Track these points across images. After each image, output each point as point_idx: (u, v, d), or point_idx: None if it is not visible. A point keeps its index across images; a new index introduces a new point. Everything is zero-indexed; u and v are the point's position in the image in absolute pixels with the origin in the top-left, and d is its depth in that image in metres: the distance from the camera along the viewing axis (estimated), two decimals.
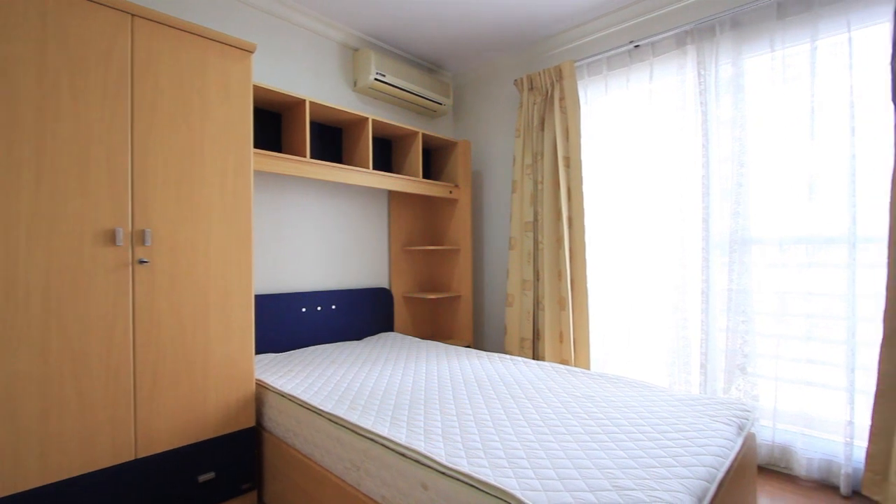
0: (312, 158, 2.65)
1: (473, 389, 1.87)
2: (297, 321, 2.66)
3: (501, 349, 3.44)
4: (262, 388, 1.96)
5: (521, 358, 2.43)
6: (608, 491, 1.08)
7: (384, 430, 1.44)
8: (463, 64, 3.49)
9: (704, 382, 2.39)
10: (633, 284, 2.72)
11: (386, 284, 3.25)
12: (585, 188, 2.90)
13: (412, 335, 3.35)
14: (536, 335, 2.98)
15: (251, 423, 1.87)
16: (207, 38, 1.75)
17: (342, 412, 1.60)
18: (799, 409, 2.16)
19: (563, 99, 2.85)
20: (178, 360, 1.67)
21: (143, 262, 1.58)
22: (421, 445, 1.32)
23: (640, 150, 2.67)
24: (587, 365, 2.76)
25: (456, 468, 1.18)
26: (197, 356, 1.72)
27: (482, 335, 3.58)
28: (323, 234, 2.88)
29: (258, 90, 2.27)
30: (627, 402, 1.71)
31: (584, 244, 2.76)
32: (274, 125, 2.60)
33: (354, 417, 1.55)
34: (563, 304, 2.81)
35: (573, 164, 2.79)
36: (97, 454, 1.49)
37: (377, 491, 1.35)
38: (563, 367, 2.22)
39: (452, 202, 3.36)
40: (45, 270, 1.39)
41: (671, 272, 2.55)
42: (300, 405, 1.74)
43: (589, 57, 2.80)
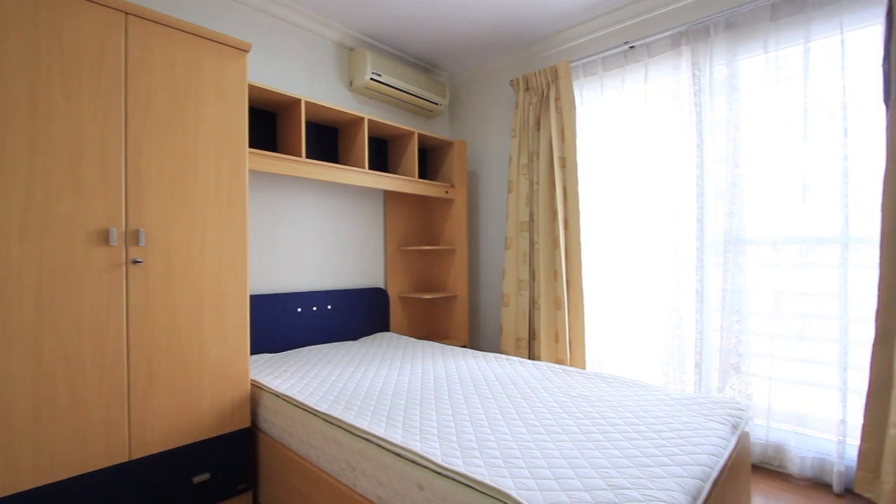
0: (308, 158, 2.65)
1: (469, 389, 1.87)
2: (292, 321, 2.65)
3: (497, 349, 3.44)
4: (257, 388, 1.95)
5: (516, 358, 2.43)
6: (604, 490, 1.09)
7: (380, 430, 1.44)
8: (459, 64, 3.49)
9: (699, 381, 2.40)
10: (628, 284, 2.73)
11: (382, 284, 3.24)
12: (581, 188, 2.91)
13: (408, 335, 3.35)
14: (532, 335, 2.99)
15: (246, 423, 1.87)
16: (202, 37, 1.74)
17: (338, 412, 1.59)
18: (792, 407, 2.18)
19: (558, 99, 2.86)
20: (172, 360, 1.66)
21: (136, 262, 1.57)
22: (417, 446, 1.32)
23: (635, 150, 2.68)
24: (583, 364, 2.77)
25: (452, 468, 1.18)
26: (192, 356, 1.71)
27: (478, 335, 3.59)
28: (318, 234, 2.87)
29: (253, 89, 2.27)
30: (623, 401, 1.72)
31: (579, 244, 2.77)
32: (269, 125, 2.59)
33: (350, 418, 1.54)
34: (558, 303, 2.82)
35: (569, 164, 2.80)
36: (91, 455, 1.48)
37: (373, 491, 1.34)
38: (558, 366, 2.22)
39: (448, 202, 3.36)
40: (37, 270, 1.38)
41: (666, 272, 2.56)
42: (295, 405, 1.74)
43: (584, 57, 2.81)
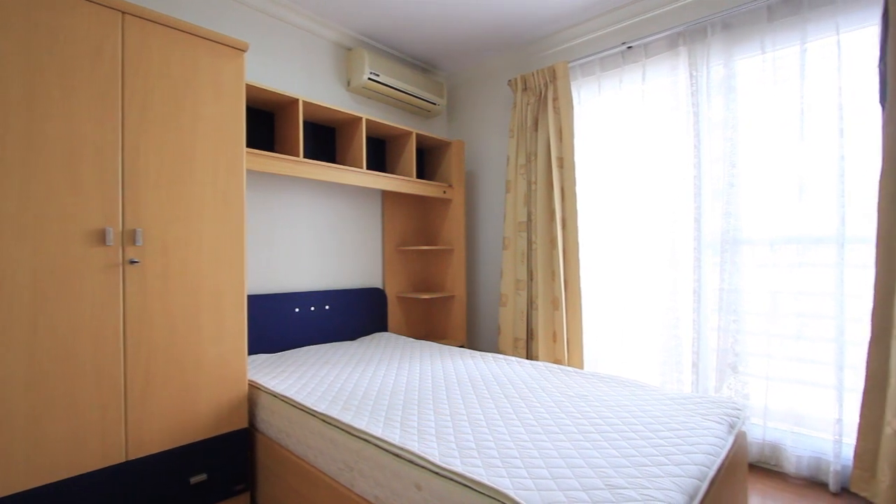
0: (306, 158, 2.64)
1: (467, 389, 1.87)
2: (290, 321, 2.65)
3: (495, 349, 3.44)
4: (254, 388, 1.94)
5: (514, 358, 2.44)
6: (601, 490, 1.09)
7: (378, 430, 1.44)
8: (457, 64, 3.49)
9: (696, 381, 2.41)
10: (625, 284, 2.74)
11: (380, 284, 3.24)
12: (579, 188, 2.91)
13: (406, 335, 3.35)
14: (530, 335, 2.99)
15: (244, 424, 1.86)
16: (200, 36, 1.74)
17: (335, 413, 1.59)
18: (789, 407, 2.19)
19: (556, 99, 2.86)
20: (169, 360, 1.66)
21: (133, 262, 1.56)
22: (415, 446, 1.32)
23: (632, 150, 2.68)
24: (580, 364, 2.77)
25: (450, 468, 1.18)
26: (189, 357, 1.71)
27: (476, 335, 3.59)
28: (316, 234, 2.87)
29: (251, 89, 2.26)
30: (620, 401, 1.72)
31: (577, 244, 2.77)
32: (267, 124, 2.59)
33: (348, 418, 1.54)
34: (556, 303, 2.82)
35: (566, 164, 2.80)
36: (87, 456, 1.47)
37: (371, 492, 1.34)
38: (556, 366, 2.23)
39: (446, 202, 3.36)
40: (33, 270, 1.37)
41: (663, 272, 2.56)
42: (293, 406, 1.73)
43: (582, 58, 2.81)
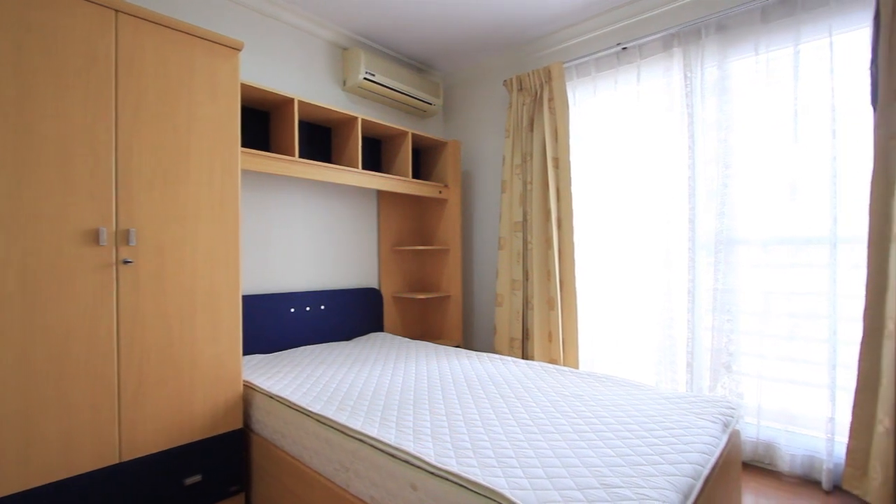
0: (301, 158, 2.63)
1: (463, 389, 1.87)
2: (285, 322, 2.64)
3: (491, 349, 3.45)
4: (249, 389, 1.94)
5: (510, 357, 2.44)
6: (596, 489, 1.09)
7: (373, 430, 1.44)
8: (453, 64, 3.49)
9: (691, 381, 2.42)
10: (620, 284, 2.75)
11: (375, 284, 3.24)
12: (574, 189, 2.92)
13: (402, 335, 3.35)
14: (526, 335, 3.00)
15: (239, 424, 1.85)
16: (194, 35, 1.73)
17: (331, 413, 1.59)
18: (782, 406, 2.20)
19: (552, 100, 2.87)
20: (163, 361, 1.65)
21: (127, 262, 1.55)
22: (410, 446, 1.32)
23: (627, 151, 2.69)
24: (576, 364, 2.78)
25: (445, 468, 1.18)
26: (183, 357, 1.70)
27: (472, 335, 3.59)
28: (312, 233, 2.86)
29: (246, 88, 2.25)
30: (615, 400, 1.73)
31: (572, 244, 2.78)
32: (262, 124, 2.58)
33: (343, 418, 1.54)
34: (552, 303, 2.83)
35: (562, 164, 2.81)
36: (80, 458, 1.46)
37: (366, 492, 1.34)
38: (551, 366, 2.23)
39: (442, 202, 3.36)
40: (25, 270, 1.36)
41: (658, 272, 2.58)
42: (288, 406, 1.73)
43: (577, 58, 2.82)
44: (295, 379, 2.00)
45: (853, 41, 2.03)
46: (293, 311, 2.68)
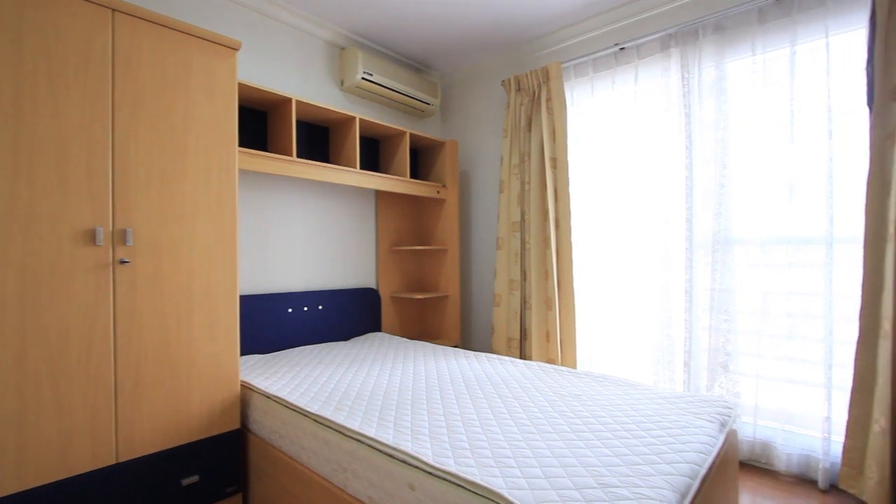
0: (299, 158, 2.63)
1: (461, 389, 1.87)
2: (283, 322, 2.63)
3: (489, 349, 3.45)
4: (247, 389, 1.93)
5: (508, 357, 2.44)
6: (594, 489, 1.10)
7: (371, 430, 1.44)
8: (451, 64, 3.49)
9: (688, 380, 2.43)
10: (618, 284, 2.75)
11: (373, 284, 3.23)
12: (572, 189, 2.92)
13: (400, 335, 3.35)
14: (523, 335, 3.00)
15: (236, 425, 1.85)
16: (191, 34, 1.73)
17: (329, 413, 1.59)
18: (779, 405, 2.21)
19: (549, 100, 2.87)
20: (160, 361, 1.64)
21: (124, 262, 1.55)
22: (408, 446, 1.32)
23: (625, 151, 2.70)
24: (573, 364, 2.79)
25: (443, 468, 1.18)
26: (180, 358, 1.69)
27: (469, 335, 3.59)
28: (309, 233, 2.86)
29: (243, 88, 2.25)
30: (613, 400, 1.73)
31: (570, 244, 2.78)
32: (260, 124, 2.57)
33: (341, 418, 1.54)
34: (549, 303, 2.83)
35: (560, 164, 2.82)
36: (77, 458, 1.46)
37: (364, 492, 1.34)
38: (549, 366, 2.24)
39: (440, 202, 3.36)
40: (21, 270, 1.35)
41: (655, 272, 2.58)
42: (286, 406, 1.73)
43: (575, 59, 2.83)
44: (293, 379, 2.00)
45: (849, 42, 2.04)
46: (291, 311, 2.67)
